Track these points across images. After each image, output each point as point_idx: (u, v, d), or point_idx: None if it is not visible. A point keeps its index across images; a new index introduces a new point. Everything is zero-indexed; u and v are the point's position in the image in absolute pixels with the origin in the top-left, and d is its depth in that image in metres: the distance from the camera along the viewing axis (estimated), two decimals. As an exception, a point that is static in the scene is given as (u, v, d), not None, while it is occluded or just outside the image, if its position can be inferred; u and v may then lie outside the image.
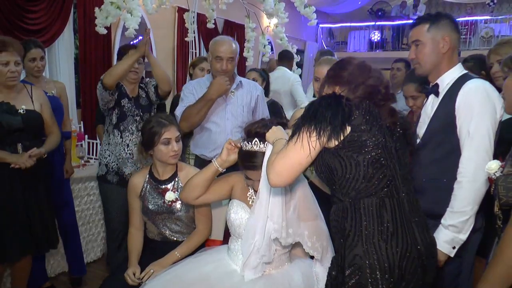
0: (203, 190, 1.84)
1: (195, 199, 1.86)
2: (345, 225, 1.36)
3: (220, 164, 1.81)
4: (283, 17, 4.40)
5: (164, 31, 5.71)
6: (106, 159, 2.69)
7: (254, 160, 1.68)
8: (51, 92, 2.81)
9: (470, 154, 1.62)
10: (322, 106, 1.33)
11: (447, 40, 1.72)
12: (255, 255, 1.63)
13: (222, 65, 2.47)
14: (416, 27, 1.79)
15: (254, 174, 1.70)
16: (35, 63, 2.72)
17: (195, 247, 2.04)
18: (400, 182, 1.38)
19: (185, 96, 2.56)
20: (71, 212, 2.96)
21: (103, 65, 4.70)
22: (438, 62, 1.75)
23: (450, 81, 1.74)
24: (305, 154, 1.32)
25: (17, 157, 2.24)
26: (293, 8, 4.40)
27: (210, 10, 4.70)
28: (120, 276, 1.97)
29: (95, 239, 3.38)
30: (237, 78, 2.64)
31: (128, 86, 2.74)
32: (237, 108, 2.56)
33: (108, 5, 3.49)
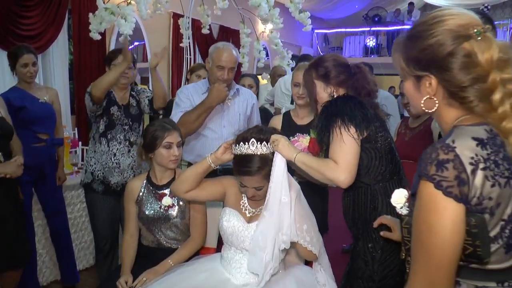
0: (194, 184, 1.81)
1: (185, 193, 1.83)
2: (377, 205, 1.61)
3: (213, 160, 1.78)
4: (278, 22, 4.41)
5: (159, 37, 5.71)
6: (92, 167, 2.64)
7: (250, 165, 1.65)
8: (43, 99, 2.79)
9: None
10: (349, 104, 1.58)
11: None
12: (266, 268, 1.62)
13: (223, 75, 2.44)
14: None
15: (249, 181, 1.67)
16: (27, 68, 2.70)
17: (189, 255, 2.02)
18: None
19: (181, 101, 2.53)
20: (64, 219, 2.94)
21: (98, 71, 4.69)
22: None
23: None
24: (357, 144, 1.55)
25: (5, 166, 2.18)
26: (288, 13, 4.42)
27: (205, 15, 4.71)
28: (113, 284, 1.95)
29: (87, 247, 3.34)
30: (235, 85, 2.63)
31: (118, 93, 2.69)
32: (234, 116, 2.55)
33: (102, 11, 3.49)
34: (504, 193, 0.90)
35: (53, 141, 2.84)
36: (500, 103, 0.91)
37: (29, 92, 2.76)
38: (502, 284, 0.95)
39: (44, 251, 3.00)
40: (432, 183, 0.88)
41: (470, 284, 0.96)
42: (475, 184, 0.88)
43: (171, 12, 5.69)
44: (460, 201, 0.88)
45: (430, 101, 0.99)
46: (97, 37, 3.75)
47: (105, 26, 3.65)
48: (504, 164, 0.91)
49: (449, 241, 0.88)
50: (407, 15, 11.31)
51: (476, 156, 0.89)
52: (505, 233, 0.93)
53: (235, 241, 1.75)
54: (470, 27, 0.92)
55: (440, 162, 0.89)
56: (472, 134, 0.92)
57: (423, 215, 0.91)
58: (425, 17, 0.98)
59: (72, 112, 4.52)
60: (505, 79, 0.91)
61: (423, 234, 0.91)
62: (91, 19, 3.67)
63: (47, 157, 2.80)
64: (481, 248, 0.91)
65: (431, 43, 0.95)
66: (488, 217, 0.90)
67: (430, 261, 0.90)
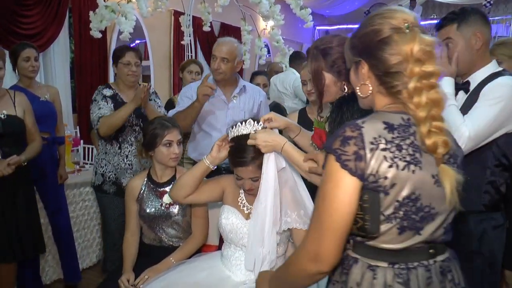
0: (193, 188, 1.80)
1: (184, 198, 1.82)
2: None
3: (210, 161, 1.77)
4: (279, 19, 4.40)
5: (160, 35, 5.70)
6: (103, 168, 2.62)
7: (245, 155, 1.65)
8: (44, 97, 2.79)
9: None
10: None
11: (479, 35, 1.64)
12: (264, 262, 1.61)
13: (214, 64, 2.44)
14: (443, 28, 1.70)
15: (244, 171, 1.67)
16: (29, 62, 2.68)
17: (190, 253, 2.02)
18: None
19: (181, 100, 2.55)
20: (65, 218, 2.94)
21: (99, 69, 4.68)
22: (472, 60, 1.68)
23: (482, 78, 1.66)
24: None
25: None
26: (289, 10, 4.40)
27: (206, 13, 4.70)
28: (114, 283, 1.95)
29: (90, 245, 3.35)
30: (241, 82, 2.61)
31: (126, 92, 2.65)
32: (238, 113, 2.53)
33: (103, 9, 3.48)
34: (401, 175, 0.97)
35: (54, 140, 2.84)
36: (415, 93, 0.99)
37: (30, 91, 2.75)
38: (393, 265, 1.02)
39: (46, 250, 2.99)
40: (334, 156, 0.98)
41: (365, 261, 1.04)
42: (372, 162, 0.96)
43: (171, 9, 5.67)
44: (354, 175, 0.96)
45: (365, 86, 1.09)
46: (98, 35, 3.75)
47: (106, 24, 3.64)
48: (409, 150, 0.99)
49: (339, 210, 0.97)
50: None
51: (379, 137, 0.98)
52: (399, 214, 0.99)
53: (234, 238, 1.75)
54: (402, 21, 1.02)
55: (345, 138, 0.98)
56: (385, 119, 1.02)
57: (322, 184, 1.01)
58: (372, 13, 1.09)
59: (73, 110, 4.51)
60: (424, 72, 0.98)
61: (319, 201, 1.01)
62: (92, 17, 3.67)
63: (49, 156, 2.80)
64: (369, 222, 0.99)
65: (367, 31, 1.06)
66: (382, 195, 0.98)
67: (320, 226, 0.99)
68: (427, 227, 1.02)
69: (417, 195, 0.99)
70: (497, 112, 1.56)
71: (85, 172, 3.36)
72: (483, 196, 1.66)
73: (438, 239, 1.06)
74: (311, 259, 1.00)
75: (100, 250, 3.43)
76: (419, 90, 0.99)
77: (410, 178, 0.98)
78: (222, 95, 2.55)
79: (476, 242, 1.67)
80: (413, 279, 1.01)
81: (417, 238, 1.02)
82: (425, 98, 0.98)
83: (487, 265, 1.68)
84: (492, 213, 1.67)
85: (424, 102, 0.98)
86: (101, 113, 2.49)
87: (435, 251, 1.06)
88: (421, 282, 1.02)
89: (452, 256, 1.12)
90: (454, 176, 1.00)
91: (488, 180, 1.65)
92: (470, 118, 1.57)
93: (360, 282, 1.03)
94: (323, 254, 0.98)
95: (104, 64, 4.77)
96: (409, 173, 0.98)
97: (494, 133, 1.59)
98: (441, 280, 1.05)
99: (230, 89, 2.57)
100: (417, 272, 1.02)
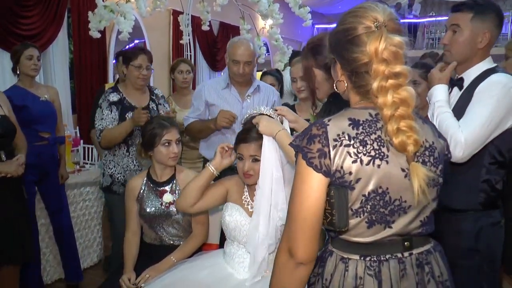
0: (199, 196, 1.81)
1: (191, 207, 1.82)
2: None
3: (216, 167, 1.80)
4: (278, 18, 4.39)
5: (159, 34, 5.70)
6: (111, 169, 2.59)
7: (249, 132, 1.71)
8: (44, 97, 2.79)
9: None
10: None
11: (487, 36, 1.62)
12: (261, 246, 1.62)
13: (239, 69, 2.46)
14: (458, 12, 1.65)
15: (246, 148, 1.71)
16: (31, 61, 2.69)
17: (191, 251, 2.02)
18: None
19: (195, 100, 2.65)
20: (67, 217, 2.94)
21: (98, 69, 4.69)
22: (470, 56, 1.66)
23: (476, 75, 1.65)
24: None
25: (6, 166, 2.18)
26: (288, 9, 4.40)
27: (204, 12, 4.70)
28: (115, 282, 1.95)
29: (91, 245, 3.35)
30: (255, 82, 2.62)
31: (135, 94, 2.59)
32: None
33: (102, 9, 3.48)
34: (365, 170, 0.99)
35: (55, 140, 2.84)
36: (379, 92, 0.99)
37: (30, 91, 2.75)
38: (365, 258, 1.05)
39: (47, 250, 3.01)
40: (301, 154, 1.02)
41: (339, 254, 1.08)
42: (336, 158, 0.99)
43: (170, 9, 5.67)
44: (319, 172, 1.00)
45: (341, 83, 1.11)
46: (97, 36, 3.75)
47: (105, 24, 3.64)
48: (374, 145, 1.00)
49: (307, 205, 1.00)
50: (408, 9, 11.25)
51: (342, 134, 1.00)
52: (366, 208, 1.01)
53: (238, 236, 1.76)
54: (373, 20, 1.01)
55: (311, 136, 1.02)
56: (351, 115, 1.03)
57: (294, 180, 1.05)
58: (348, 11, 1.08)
59: (73, 111, 4.51)
60: (391, 72, 0.98)
61: (291, 197, 1.04)
62: (91, 17, 3.67)
63: (50, 156, 2.81)
64: (336, 217, 1.01)
65: (339, 30, 1.07)
66: (349, 190, 1.00)
67: (292, 222, 1.03)
68: (399, 220, 1.04)
69: (384, 189, 1.01)
70: (492, 111, 1.54)
71: (86, 172, 3.36)
72: (479, 195, 1.65)
73: (413, 231, 1.07)
74: (287, 253, 1.04)
75: (101, 249, 3.44)
76: (384, 90, 0.99)
77: (376, 172, 1.00)
78: (237, 95, 2.58)
79: (473, 240, 1.67)
80: (385, 271, 1.03)
81: (388, 231, 1.04)
82: (392, 97, 0.98)
83: (485, 262, 1.68)
84: (490, 211, 1.67)
85: (391, 101, 0.98)
86: (103, 126, 2.48)
87: (410, 244, 1.07)
88: (393, 274, 1.04)
89: (434, 249, 1.12)
90: (424, 174, 0.99)
91: (483, 178, 1.64)
92: (465, 123, 1.56)
93: (333, 273, 1.07)
94: (296, 248, 1.02)
95: (103, 64, 4.77)
96: (374, 167, 0.99)
97: (490, 135, 1.58)
98: (417, 272, 1.06)
99: (245, 88, 2.59)
100: (389, 264, 1.04)
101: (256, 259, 1.63)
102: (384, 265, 1.04)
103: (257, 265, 1.62)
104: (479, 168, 1.64)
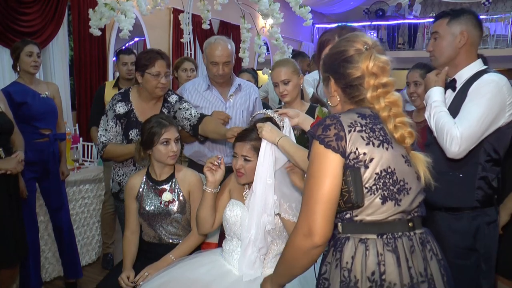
0: (213, 216, 1.88)
1: (212, 227, 1.90)
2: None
3: (212, 187, 1.84)
4: (278, 17, 4.38)
5: (159, 32, 5.70)
6: (120, 177, 2.43)
7: (247, 133, 1.78)
8: (44, 94, 2.78)
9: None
10: None
11: (465, 34, 1.73)
12: (251, 247, 1.66)
13: (218, 70, 2.42)
14: (436, 21, 1.82)
15: (240, 147, 1.77)
16: (31, 58, 2.68)
17: (190, 250, 2.03)
18: None
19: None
20: (67, 214, 2.94)
21: (98, 67, 4.69)
22: (453, 55, 1.76)
23: (467, 77, 1.74)
24: None
25: (6, 163, 2.18)
26: (289, 8, 4.39)
27: (205, 11, 4.69)
28: (114, 280, 1.96)
29: (89, 243, 3.36)
30: (236, 80, 2.58)
31: (144, 107, 2.33)
32: (237, 113, 2.51)
33: (102, 6, 3.47)
34: (377, 151, 1.15)
35: (55, 136, 2.84)
36: (373, 100, 1.20)
37: (30, 87, 2.74)
38: (381, 236, 1.16)
39: (46, 248, 3.00)
40: (318, 140, 1.16)
41: (356, 237, 1.18)
42: (351, 140, 1.14)
43: (171, 7, 5.67)
44: (337, 152, 1.13)
45: (334, 98, 1.29)
46: (97, 33, 3.74)
47: (105, 22, 3.63)
48: (381, 132, 1.18)
49: (326, 183, 1.13)
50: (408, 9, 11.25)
51: (354, 122, 1.16)
52: (379, 185, 1.15)
53: (237, 230, 1.78)
54: (362, 44, 1.22)
55: (326, 125, 1.17)
56: (357, 111, 1.20)
57: (310, 166, 1.18)
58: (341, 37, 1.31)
59: (72, 108, 4.51)
60: (379, 83, 1.19)
61: (308, 180, 1.16)
62: (91, 15, 3.66)
63: (51, 153, 2.79)
64: (353, 193, 1.13)
65: (335, 52, 1.27)
66: (363, 170, 1.14)
67: (311, 202, 1.13)
68: (405, 199, 1.18)
69: (392, 169, 1.17)
70: (486, 108, 1.61)
71: (85, 169, 3.36)
72: (476, 192, 1.69)
73: (414, 210, 1.23)
74: (305, 234, 1.13)
75: (99, 247, 3.45)
76: (377, 97, 1.20)
77: (385, 154, 1.16)
78: (219, 95, 2.54)
79: (471, 239, 1.70)
80: (400, 247, 1.16)
81: (397, 208, 1.17)
82: (383, 102, 1.19)
83: (483, 261, 1.71)
84: (486, 209, 1.71)
85: (384, 105, 1.19)
86: (107, 138, 2.29)
87: (413, 225, 1.21)
88: (407, 249, 1.16)
89: (427, 232, 1.27)
90: (424, 159, 1.21)
91: (480, 175, 1.69)
92: (460, 120, 1.62)
93: (354, 255, 1.16)
94: (315, 227, 1.12)
95: (103, 62, 4.77)
96: (383, 149, 1.16)
97: (485, 131, 1.63)
98: (421, 250, 1.20)
99: (226, 89, 2.56)
100: (402, 241, 1.17)
101: (246, 258, 1.68)
102: (398, 241, 1.16)
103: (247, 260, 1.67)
104: (476, 166, 1.68)
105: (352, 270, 1.15)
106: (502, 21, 10.30)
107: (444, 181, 1.73)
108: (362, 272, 1.14)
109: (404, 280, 1.13)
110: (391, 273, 1.13)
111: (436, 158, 1.76)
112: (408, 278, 1.14)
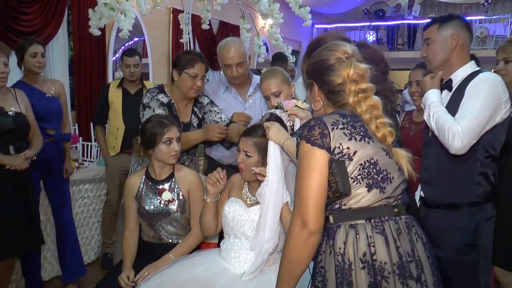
0: (216, 219, 1.92)
1: (216, 229, 1.94)
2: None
3: (213, 197, 1.87)
4: (278, 17, 4.39)
5: (159, 33, 5.70)
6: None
7: (254, 128, 1.82)
8: (50, 93, 2.77)
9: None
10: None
11: (455, 37, 1.80)
12: (267, 243, 1.66)
13: (232, 72, 2.42)
14: (427, 28, 1.90)
15: (244, 142, 1.81)
16: (36, 58, 2.66)
17: (189, 249, 2.03)
18: None
19: None
20: (69, 212, 2.95)
21: (98, 66, 4.69)
22: (446, 58, 1.83)
23: (463, 77, 1.80)
24: None
25: (12, 159, 2.25)
26: (288, 8, 4.40)
27: (205, 11, 4.69)
28: (114, 280, 1.96)
29: (89, 242, 3.36)
30: (254, 79, 2.58)
31: (180, 104, 2.32)
32: (256, 112, 2.50)
33: (102, 6, 3.47)
34: (359, 145, 1.27)
35: (60, 136, 2.84)
36: (355, 104, 1.31)
37: (36, 87, 2.72)
38: (369, 220, 1.27)
39: (45, 247, 2.99)
40: (304, 140, 1.27)
41: (346, 224, 1.28)
42: (335, 137, 1.25)
43: (170, 7, 5.68)
44: (322, 148, 1.24)
45: (317, 102, 1.40)
46: (97, 33, 3.74)
47: (105, 21, 3.63)
48: (361, 129, 1.29)
49: (316, 179, 1.23)
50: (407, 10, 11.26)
51: (336, 121, 1.28)
52: (363, 174, 1.26)
53: (235, 227, 1.80)
54: (343, 53, 1.33)
55: (311, 126, 1.28)
56: (338, 112, 1.32)
57: (299, 164, 1.28)
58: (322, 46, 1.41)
59: (72, 108, 4.51)
60: (359, 89, 1.31)
61: (298, 177, 1.27)
62: (91, 14, 3.66)
63: (56, 152, 2.80)
64: (340, 183, 1.24)
65: (317, 60, 1.37)
66: (347, 162, 1.25)
67: (302, 195, 1.24)
68: (388, 187, 1.29)
69: (375, 160, 1.28)
70: (484, 103, 1.67)
71: (85, 169, 3.36)
72: (475, 188, 1.74)
73: (398, 197, 1.33)
74: (300, 225, 1.23)
75: (99, 247, 3.45)
76: (358, 102, 1.31)
77: (367, 147, 1.27)
78: (238, 96, 2.56)
79: (472, 235, 1.73)
80: (387, 229, 1.26)
81: (382, 195, 1.28)
82: (364, 105, 1.31)
83: (481, 257, 1.75)
84: (484, 205, 1.75)
85: (365, 108, 1.31)
86: None
87: (399, 210, 1.32)
88: (394, 231, 1.27)
89: (412, 218, 1.36)
90: (405, 154, 1.33)
91: (479, 171, 1.74)
92: (460, 116, 1.68)
93: (346, 241, 1.25)
94: (308, 217, 1.22)
95: (103, 62, 4.78)
96: (365, 143, 1.27)
97: (485, 126, 1.68)
98: (407, 232, 1.29)
99: (245, 89, 2.57)
100: (389, 223, 1.28)
101: (262, 257, 1.66)
102: (386, 224, 1.27)
103: (259, 262, 1.66)
104: (474, 161, 1.73)
105: (345, 254, 1.24)
106: (501, 22, 10.32)
107: (444, 178, 1.79)
108: (355, 255, 1.23)
109: (394, 259, 1.23)
110: (381, 253, 1.23)
111: (436, 156, 1.81)
112: (397, 257, 1.23)
